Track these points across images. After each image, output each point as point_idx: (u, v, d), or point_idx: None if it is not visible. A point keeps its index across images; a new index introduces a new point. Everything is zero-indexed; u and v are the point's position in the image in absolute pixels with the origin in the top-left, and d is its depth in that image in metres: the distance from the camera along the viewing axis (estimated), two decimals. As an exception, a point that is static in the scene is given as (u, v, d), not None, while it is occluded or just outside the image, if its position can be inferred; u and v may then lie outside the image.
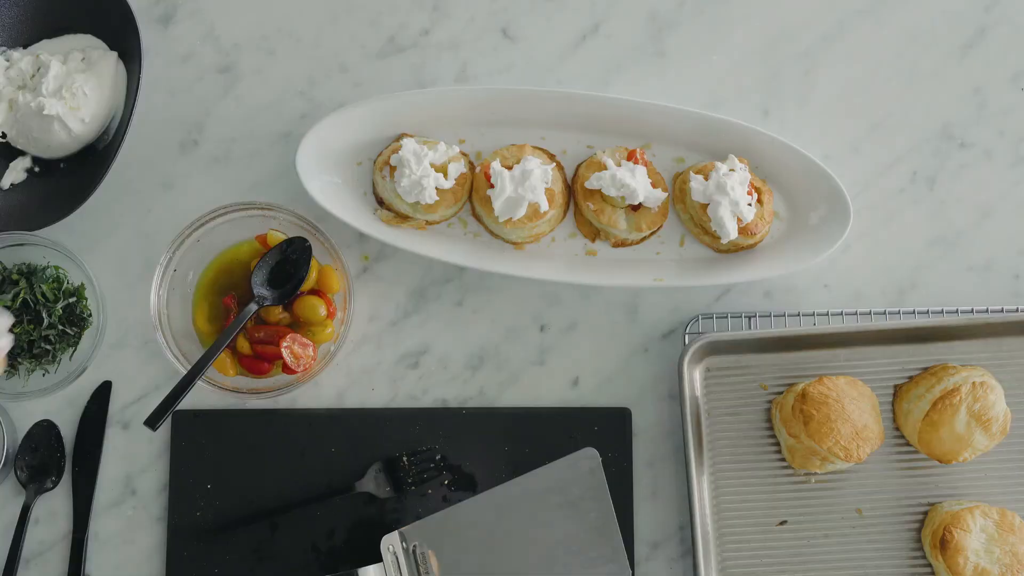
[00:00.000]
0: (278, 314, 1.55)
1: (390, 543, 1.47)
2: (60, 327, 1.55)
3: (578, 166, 1.59)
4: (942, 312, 1.56)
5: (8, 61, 1.60)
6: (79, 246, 1.57)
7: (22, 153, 1.61)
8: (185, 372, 1.49)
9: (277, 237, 1.55)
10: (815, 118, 1.63)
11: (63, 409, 1.58)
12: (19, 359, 1.55)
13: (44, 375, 1.56)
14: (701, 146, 1.58)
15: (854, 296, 1.60)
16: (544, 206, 1.53)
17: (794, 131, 1.63)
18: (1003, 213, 1.62)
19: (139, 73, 1.57)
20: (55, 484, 1.56)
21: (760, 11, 1.65)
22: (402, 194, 1.53)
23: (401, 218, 1.57)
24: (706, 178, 1.53)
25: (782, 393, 1.55)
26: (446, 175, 1.54)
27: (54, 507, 1.56)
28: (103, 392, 1.58)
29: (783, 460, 1.54)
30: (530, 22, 1.65)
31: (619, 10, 1.65)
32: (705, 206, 1.53)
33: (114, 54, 1.60)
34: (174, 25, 1.64)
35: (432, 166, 1.53)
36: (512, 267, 1.56)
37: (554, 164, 1.57)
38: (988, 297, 1.60)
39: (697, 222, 1.56)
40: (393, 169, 1.54)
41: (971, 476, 1.54)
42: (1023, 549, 1.47)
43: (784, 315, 1.57)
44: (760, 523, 1.53)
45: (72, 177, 1.60)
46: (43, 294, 1.54)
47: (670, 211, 1.59)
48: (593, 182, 1.54)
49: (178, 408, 1.49)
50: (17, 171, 1.61)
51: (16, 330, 1.53)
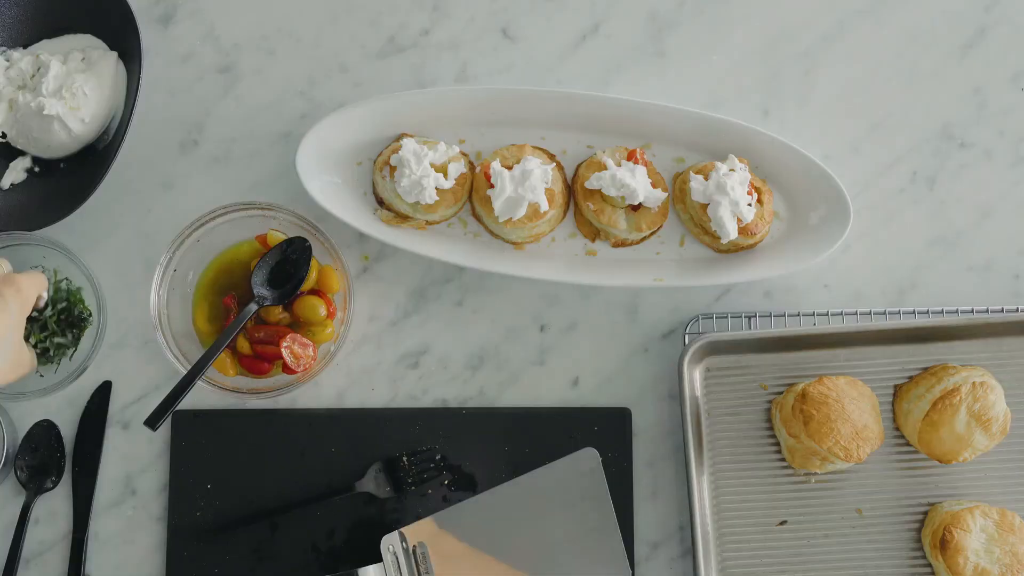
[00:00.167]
0: (278, 314, 1.55)
1: (390, 543, 1.47)
2: (55, 328, 1.54)
3: (578, 166, 1.59)
4: (942, 312, 1.56)
5: (8, 61, 1.60)
6: (79, 246, 1.57)
7: (22, 153, 1.61)
8: (185, 372, 1.48)
9: (277, 237, 1.55)
10: (815, 118, 1.63)
11: (63, 409, 1.58)
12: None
13: (41, 377, 1.56)
14: (701, 146, 1.58)
15: (854, 296, 1.60)
16: (544, 206, 1.53)
17: (794, 131, 1.63)
18: (1003, 213, 1.62)
19: (139, 73, 1.57)
20: (55, 484, 1.56)
21: (760, 11, 1.65)
22: (402, 194, 1.53)
23: (401, 218, 1.57)
24: (706, 178, 1.53)
25: (782, 393, 1.55)
26: (446, 175, 1.54)
27: (54, 507, 1.56)
28: (103, 392, 1.58)
29: (783, 460, 1.54)
30: (530, 22, 1.65)
31: (619, 10, 1.65)
32: (705, 206, 1.53)
33: (114, 54, 1.60)
34: (174, 25, 1.64)
35: (432, 166, 1.53)
36: (512, 267, 1.55)
37: (554, 164, 1.57)
38: (988, 297, 1.60)
39: (697, 222, 1.56)
40: (393, 169, 1.54)
41: (971, 476, 1.54)
42: (1023, 549, 1.47)
43: (784, 315, 1.57)
44: (760, 523, 1.53)
45: (72, 177, 1.60)
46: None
47: (670, 211, 1.59)
48: (593, 182, 1.54)
49: (178, 408, 1.49)
50: (17, 171, 1.61)
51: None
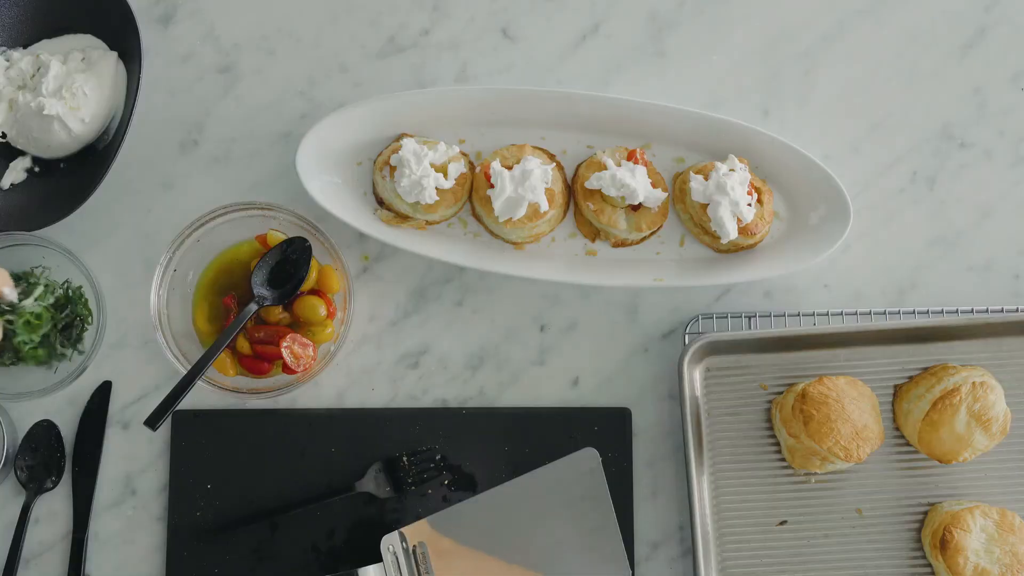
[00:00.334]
0: (278, 314, 1.55)
1: (390, 543, 1.47)
2: (56, 336, 1.54)
3: (578, 166, 1.59)
4: (942, 312, 1.56)
5: (8, 61, 1.60)
6: (79, 246, 1.56)
7: (22, 153, 1.61)
8: (185, 372, 1.48)
9: (277, 237, 1.55)
10: (815, 118, 1.63)
11: (63, 409, 1.58)
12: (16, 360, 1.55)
13: (50, 368, 1.56)
14: (701, 146, 1.58)
15: (854, 296, 1.60)
16: (544, 206, 1.53)
17: (794, 131, 1.63)
18: (1003, 213, 1.62)
19: (139, 73, 1.57)
20: (55, 484, 1.56)
21: (760, 11, 1.65)
22: (402, 194, 1.53)
23: (401, 218, 1.57)
24: (706, 178, 1.53)
25: (782, 393, 1.55)
26: (446, 175, 1.54)
27: (54, 507, 1.56)
28: (103, 392, 1.58)
29: (783, 460, 1.54)
30: (530, 22, 1.65)
31: (619, 10, 1.65)
32: (705, 206, 1.53)
33: (114, 54, 1.60)
34: (174, 25, 1.64)
35: (432, 166, 1.53)
36: (512, 267, 1.55)
37: (554, 164, 1.57)
38: (988, 297, 1.60)
39: (697, 222, 1.56)
40: (393, 169, 1.54)
41: (971, 476, 1.54)
42: (1023, 549, 1.47)
43: (784, 315, 1.57)
44: (760, 523, 1.53)
45: (72, 177, 1.60)
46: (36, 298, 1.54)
47: (670, 211, 1.59)
48: (593, 182, 1.54)
49: (178, 408, 1.49)
50: (17, 171, 1.61)
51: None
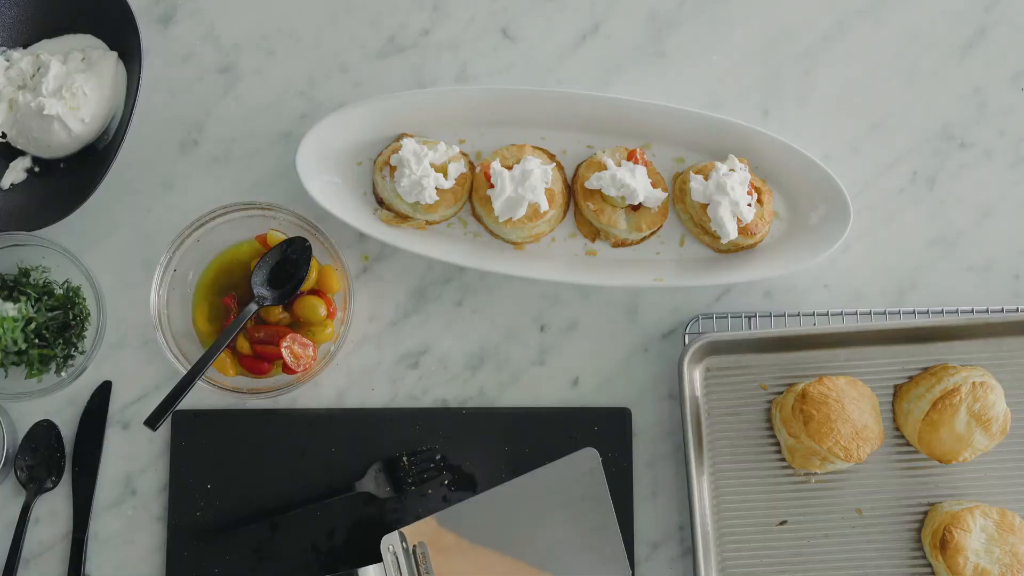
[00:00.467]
0: (278, 314, 1.55)
1: (390, 543, 1.47)
2: (48, 335, 1.54)
3: (578, 166, 1.59)
4: (942, 312, 1.56)
5: (8, 61, 1.60)
6: (79, 246, 1.56)
7: (22, 153, 1.61)
8: (185, 372, 1.48)
9: (277, 237, 1.55)
10: (815, 118, 1.63)
11: (63, 409, 1.58)
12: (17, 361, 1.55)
13: (38, 381, 1.56)
14: (701, 146, 1.58)
15: (854, 296, 1.60)
16: (544, 206, 1.53)
17: (794, 131, 1.63)
18: (1003, 213, 1.62)
19: (139, 73, 1.57)
20: (55, 484, 1.56)
21: (760, 11, 1.65)
22: (402, 194, 1.53)
23: (401, 218, 1.57)
24: (706, 178, 1.53)
25: (782, 393, 1.55)
26: (446, 175, 1.54)
27: (54, 507, 1.56)
28: (103, 392, 1.58)
29: (783, 460, 1.54)
30: (530, 22, 1.65)
31: (619, 10, 1.64)
32: (705, 206, 1.53)
33: (114, 54, 1.60)
34: (174, 25, 1.64)
35: (432, 166, 1.53)
36: (512, 267, 1.55)
37: (554, 164, 1.57)
38: (988, 297, 1.60)
39: (697, 222, 1.56)
40: (393, 169, 1.54)
41: (971, 476, 1.54)
42: (1023, 549, 1.47)
43: (784, 315, 1.57)
44: (760, 523, 1.53)
45: (72, 177, 1.60)
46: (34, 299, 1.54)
47: (670, 211, 1.59)
48: (593, 182, 1.54)
49: (178, 408, 1.49)
50: (17, 171, 1.61)
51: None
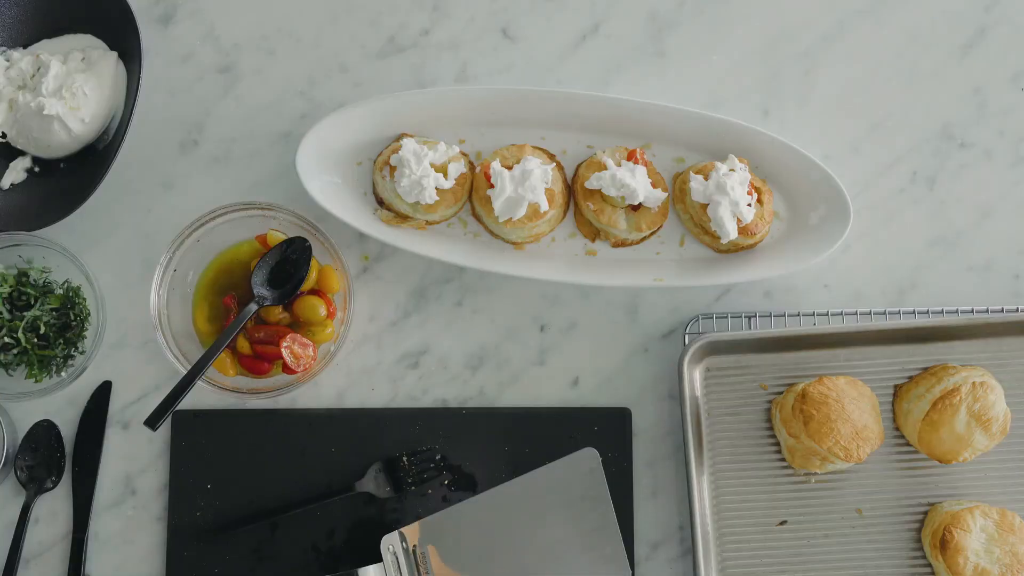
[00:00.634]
0: (278, 314, 1.55)
1: (390, 543, 1.47)
2: (52, 335, 1.54)
3: (578, 166, 1.59)
4: (942, 312, 1.56)
5: (8, 61, 1.60)
6: (79, 246, 1.57)
7: (22, 153, 1.61)
8: (185, 372, 1.48)
9: (277, 237, 1.55)
10: (815, 118, 1.63)
11: (63, 409, 1.58)
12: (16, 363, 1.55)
13: (37, 381, 1.56)
14: (701, 146, 1.58)
15: (854, 296, 1.60)
16: (544, 206, 1.53)
17: (794, 131, 1.63)
18: (1003, 213, 1.62)
19: (139, 73, 1.57)
20: (55, 484, 1.56)
21: (760, 11, 1.65)
22: (402, 194, 1.53)
23: (401, 218, 1.57)
24: (706, 178, 1.53)
25: (782, 393, 1.55)
26: (446, 175, 1.54)
27: (54, 507, 1.56)
28: (103, 392, 1.58)
29: (783, 460, 1.54)
30: (530, 22, 1.65)
31: (619, 10, 1.65)
32: (705, 206, 1.53)
33: (114, 54, 1.60)
34: (174, 25, 1.64)
35: (432, 166, 1.53)
36: (512, 267, 1.55)
37: (554, 164, 1.57)
38: (988, 297, 1.60)
39: (697, 222, 1.56)
40: (393, 169, 1.54)
41: (971, 476, 1.54)
42: (1023, 549, 1.47)
43: (784, 315, 1.57)
44: (760, 523, 1.53)
45: (72, 177, 1.60)
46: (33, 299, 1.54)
47: (670, 211, 1.59)
48: (593, 182, 1.54)
49: (178, 408, 1.49)
50: (17, 171, 1.61)
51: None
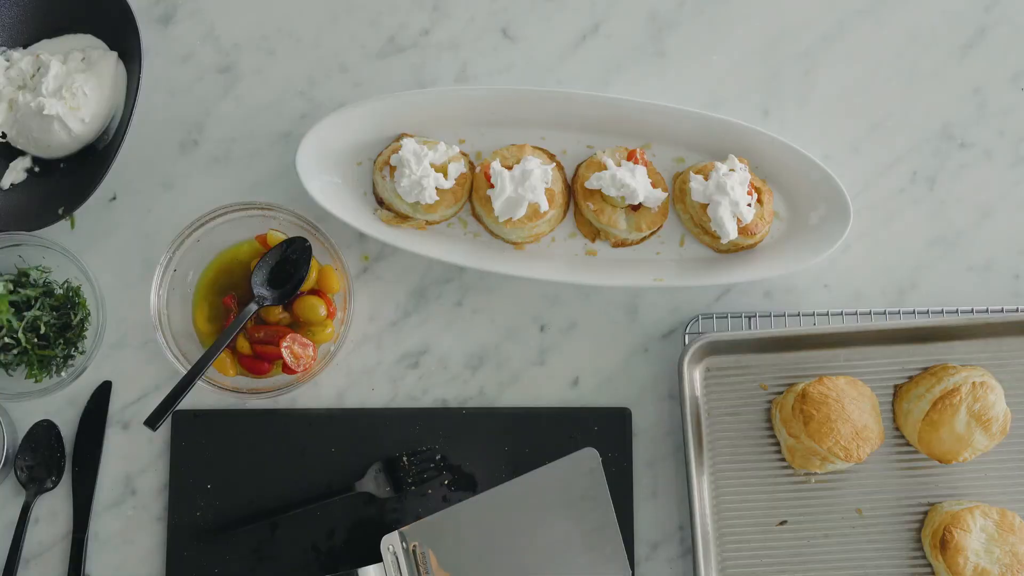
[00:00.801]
0: (278, 314, 1.55)
1: (390, 543, 1.47)
2: (52, 335, 1.54)
3: (578, 166, 1.59)
4: (942, 312, 1.56)
5: (8, 61, 1.60)
6: (79, 246, 1.57)
7: (22, 153, 1.61)
8: (185, 372, 1.48)
9: (277, 237, 1.55)
10: (815, 118, 1.63)
11: (63, 409, 1.58)
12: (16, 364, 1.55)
13: (37, 381, 1.56)
14: (701, 146, 1.58)
15: (854, 296, 1.60)
16: (544, 206, 1.53)
17: (794, 131, 1.63)
18: (1003, 213, 1.62)
19: (139, 73, 1.57)
20: (55, 484, 1.56)
21: (760, 11, 1.65)
22: (402, 194, 1.53)
23: (401, 218, 1.57)
24: (706, 178, 1.53)
25: (782, 393, 1.55)
26: (446, 175, 1.54)
27: (54, 507, 1.56)
28: (103, 392, 1.58)
29: (783, 460, 1.54)
30: (530, 22, 1.65)
31: (619, 10, 1.65)
32: (705, 206, 1.53)
33: (114, 54, 1.60)
34: (174, 25, 1.64)
35: (432, 166, 1.53)
36: (512, 267, 1.55)
37: (554, 164, 1.57)
38: (988, 297, 1.60)
39: (697, 222, 1.56)
40: (393, 169, 1.54)
41: (971, 476, 1.54)
42: (1023, 549, 1.47)
43: (784, 315, 1.57)
44: (760, 523, 1.53)
45: (72, 177, 1.60)
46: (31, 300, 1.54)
47: (670, 211, 1.59)
48: (593, 182, 1.54)
49: (178, 408, 1.49)
50: (17, 171, 1.61)
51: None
